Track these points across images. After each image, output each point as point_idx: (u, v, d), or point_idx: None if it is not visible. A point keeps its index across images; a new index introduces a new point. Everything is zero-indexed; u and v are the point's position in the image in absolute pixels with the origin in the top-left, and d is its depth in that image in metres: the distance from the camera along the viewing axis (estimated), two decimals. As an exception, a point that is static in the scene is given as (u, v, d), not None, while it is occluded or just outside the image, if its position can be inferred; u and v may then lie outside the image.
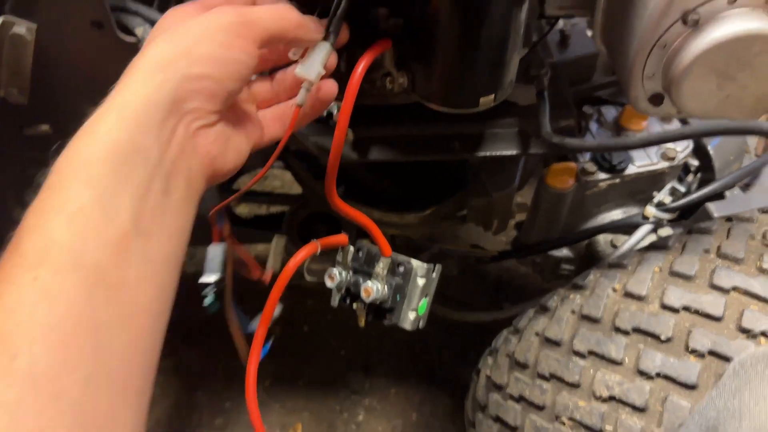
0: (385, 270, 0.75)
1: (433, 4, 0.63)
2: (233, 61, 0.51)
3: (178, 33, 0.50)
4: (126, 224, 0.43)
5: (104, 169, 0.43)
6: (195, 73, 0.48)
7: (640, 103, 0.65)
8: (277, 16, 0.54)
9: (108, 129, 0.44)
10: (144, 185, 0.45)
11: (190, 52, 0.49)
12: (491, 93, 0.71)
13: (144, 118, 0.45)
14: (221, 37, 0.50)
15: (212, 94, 0.50)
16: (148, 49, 0.50)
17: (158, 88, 0.47)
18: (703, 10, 0.56)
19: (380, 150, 0.84)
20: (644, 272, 0.73)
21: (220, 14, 0.52)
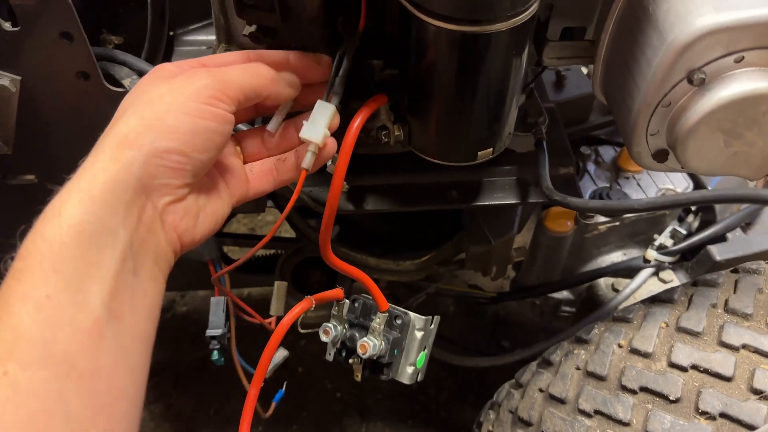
0: (382, 325, 0.73)
1: (428, 57, 0.61)
2: (204, 131, 0.49)
3: (147, 103, 0.48)
4: (97, 309, 0.42)
5: (72, 254, 0.42)
6: (163, 147, 0.47)
7: (644, 159, 0.63)
8: (250, 75, 0.53)
9: (74, 211, 0.43)
10: (113, 267, 0.44)
11: (158, 125, 0.47)
12: (489, 147, 0.69)
13: (111, 199, 0.44)
14: (192, 105, 0.48)
15: (181, 169, 0.48)
16: (118, 122, 0.48)
17: (125, 166, 0.45)
18: (709, 69, 0.55)
19: (376, 200, 0.82)
20: (650, 328, 0.71)
21: (192, 79, 0.50)
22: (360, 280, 0.71)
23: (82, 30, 0.72)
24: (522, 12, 0.56)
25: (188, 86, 0.49)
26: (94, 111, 0.81)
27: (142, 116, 0.47)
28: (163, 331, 1.49)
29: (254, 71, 0.54)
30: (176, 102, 0.48)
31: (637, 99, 0.59)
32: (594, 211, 0.62)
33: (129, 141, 0.46)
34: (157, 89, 0.50)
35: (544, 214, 0.97)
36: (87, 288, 0.42)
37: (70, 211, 0.43)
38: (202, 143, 0.49)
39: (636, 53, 0.59)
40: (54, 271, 0.41)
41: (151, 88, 0.51)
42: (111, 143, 0.46)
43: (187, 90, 0.49)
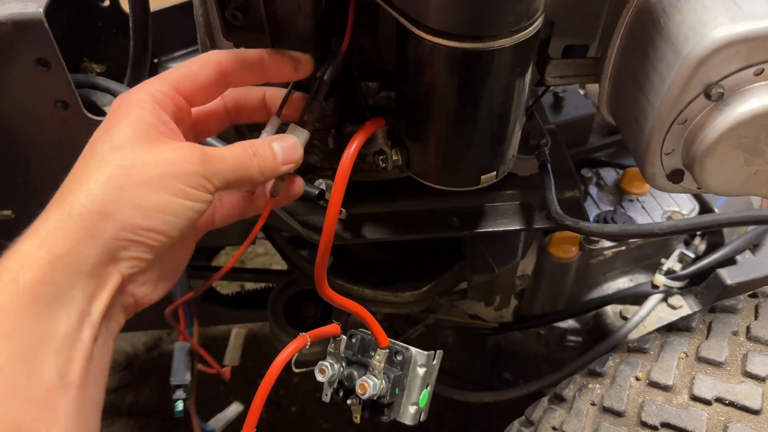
0: (382, 362, 0.69)
1: (428, 76, 0.58)
2: (186, 211, 0.47)
3: (129, 168, 0.45)
4: (51, 379, 0.40)
5: (27, 322, 0.40)
6: (142, 225, 0.44)
7: (658, 179, 0.60)
8: (241, 166, 0.51)
9: (33, 275, 0.40)
10: (69, 335, 0.41)
11: (140, 203, 0.44)
12: (493, 170, 0.66)
13: (74, 268, 0.42)
14: (178, 187, 0.46)
15: (155, 246, 0.45)
16: (91, 180, 0.44)
17: (95, 238, 0.42)
18: (727, 83, 0.52)
19: (374, 229, 0.78)
20: (669, 358, 0.67)
21: (183, 160, 0.47)
22: (358, 314, 0.67)
23: (59, 56, 0.69)
24: (526, 27, 0.53)
25: (179, 167, 0.46)
26: (75, 142, 0.76)
27: (122, 186, 0.44)
28: (149, 372, 1.44)
29: (243, 163, 0.51)
30: (163, 181, 0.45)
31: (650, 117, 0.56)
32: (610, 236, 0.59)
33: (105, 214, 0.43)
34: (142, 151, 0.46)
35: (548, 240, 0.93)
36: (41, 357, 0.40)
37: (28, 275, 0.40)
38: (181, 223, 0.47)
39: (647, 68, 0.56)
40: (6, 339, 0.39)
41: (134, 145, 0.46)
42: (82, 208, 0.43)
43: (177, 169, 0.46)
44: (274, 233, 0.99)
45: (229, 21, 0.58)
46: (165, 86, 0.51)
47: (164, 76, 0.52)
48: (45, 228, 0.42)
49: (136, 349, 1.56)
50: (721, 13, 0.50)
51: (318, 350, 0.96)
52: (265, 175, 0.53)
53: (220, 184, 0.49)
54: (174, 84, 0.51)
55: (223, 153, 0.50)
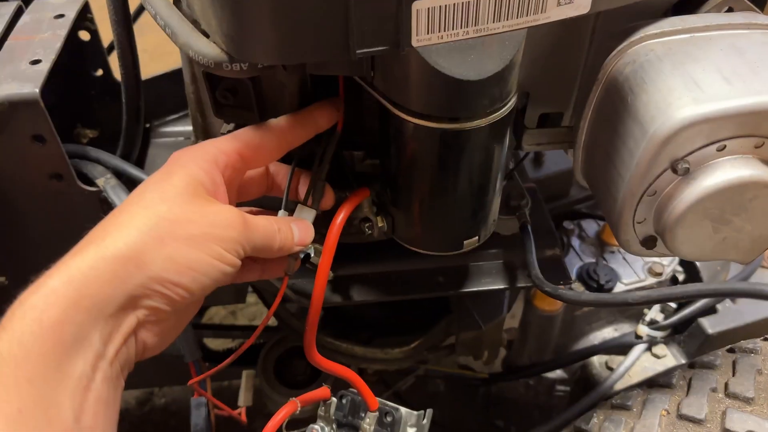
0: (372, 425, 0.70)
1: (409, 152, 0.60)
2: (215, 273, 0.48)
3: (172, 221, 0.46)
4: (68, 422, 0.40)
5: (47, 364, 0.40)
6: (170, 279, 0.45)
7: (633, 246, 0.62)
8: (270, 237, 0.53)
9: (57, 317, 0.40)
10: (85, 378, 0.42)
11: (175, 257, 0.45)
12: (475, 235, 0.68)
13: (96, 311, 0.42)
14: (215, 249, 0.47)
15: (179, 301, 0.46)
16: (130, 225, 0.45)
17: (123, 282, 0.43)
18: (692, 158, 0.54)
19: (361, 290, 0.79)
20: (651, 416, 0.68)
21: (226, 225, 0.48)
22: (348, 379, 0.69)
23: (54, 132, 0.71)
24: (500, 108, 0.56)
25: (220, 230, 0.48)
26: (68, 211, 0.79)
27: (162, 238, 0.45)
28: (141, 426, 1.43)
29: (275, 235, 0.54)
30: (202, 240, 0.47)
31: (621, 188, 0.59)
32: (587, 304, 0.61)
33: (139, 261, 0.44)
34: (189, 208, 0.47)
35: (533, 293, 0.95)
36: (60, 401, 0.40)
37: (52, 315, 0.40)
38: (209, 283, 0.48)
39: (617, 144, 0.59)
40: (28, 382, 0.39)
41: (182, 201, 0.48)
42: (118, 252, 0.43)
43: (218, 232, 0.48)
44: (264, 293, 1.00)
45: (220, 100, 0.61)
46: (230, 149, 0.53)
47: (231, 139, 0.54)
48: (76, 265, 0.42)
49: (128, 404, 1.55)
50: (684, 94, 0.53)
51: (308, 408, 0.97)
52: (282, 252, 0.55)
53: (250, 252, 0.51)
54: (239, 149, 0.53)
55: (258, 222, 0.52)
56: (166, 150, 0.97)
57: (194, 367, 0.76)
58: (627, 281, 0.96)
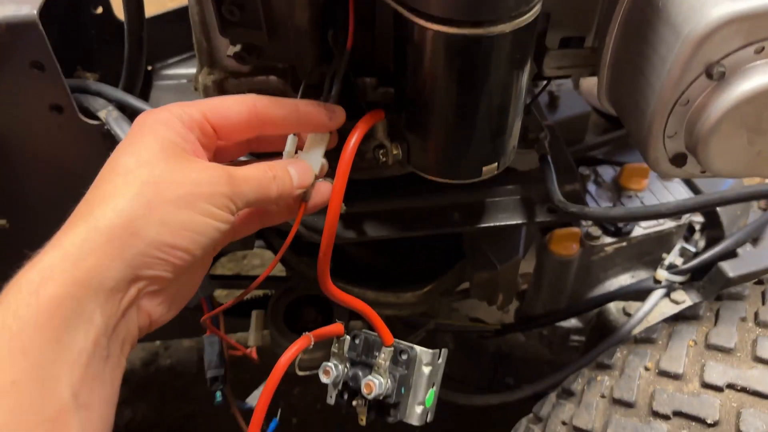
0: (387, 361, 0.67)
1: (427, 66, 0.57)
2: (212, 232, 0.47)
3: (157, 183, 0.45)
4: (64, 398, 0.39)
5: (44, 337, 0.39)
6: (169, 242, 0.44)
7: (662, 164, 0.59)
8: (264, 188, 0.51)
9: (54, 291, 0.39)
10: (85, 354, 0.41)
11: (168, 219, 0.44)
12: (494, 161, 0.65)
13: (96, 284, 0.41)
14: (205, 207, 0.46)
15: (179, 265, 0.45)
16: (118, 195, 0.44)
17: (121, 254, 0.42)
18: (728, 61, 0.51)
19: (375, 226, 0.77)
20: (677, 347, 0.66)
21: (210, 181, 0.47)
22: (362, 311, 0.66)
23: (54, 59, 0.68)
24: (526, 12, 0.53)
25: (206, 188, 0.47)
26: (70, 147, 0.76)
27: (150, 202, 0.44)
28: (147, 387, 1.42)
29: (268, 185, 0.52)
30: (190, 199, 0.46)
31: (651, 100, 0.56)
32: (617, 219, 0.58)
33: (133, 229, 0.42)
34: (168, 168, 0.46)
35: (548, 238, 0.93)
36: (57, 375, 0.39)
37: (50, 289, 0.39)
38: (206, 242, 0.47)
39: (647, 53, 0.56)
40: (23, 353, 0.38)
41: (160, 162, 0.46)
42: (110, 222, 0.42)
43: (204, 190, 0.46)
44: (273, 239, 0.98)
45: (226, 17, 0.58)
46: (194, 110, 0.51)
47: (195, 102, 0.52)
48: (70, 240, 0.41)
49: (133, 364, 1.53)
50: (720, -9, 0.50)
51: (319, 356, 0.95)
52: (282, 198, 0.54)
53: (243, 205, 0.50)
54: (204, 111, 0.51)
55: (247, 174, 0.50)
56: (169, 93, 0.94)
57: (206, 303, 0.74)
58: (646, 225, 0.93)
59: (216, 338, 0.73)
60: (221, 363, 0.73)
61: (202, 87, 0.73)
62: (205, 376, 0.72)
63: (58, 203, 0.84)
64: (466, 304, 1.11)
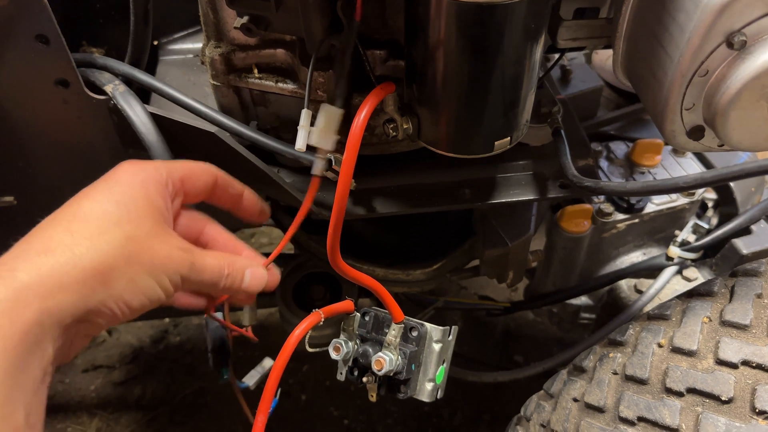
0: (397, 337, 0.67)
1: (439, 36, 0.56)
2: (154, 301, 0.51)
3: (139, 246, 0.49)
4: (19, 421, 0.41)
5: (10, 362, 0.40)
6: (125, 299, 0.48)
7: (678, 137, 0.58)
8: (210, 283, 0.56)
9: (28, 317, 0.41)
10: (37, 380, 0.43)
11: (135, 279, 0.48)
12: (507, 136, 0.64)
13: (59, 318, 0.43)
14: (164, 280, 0.50)
15: (120, 319, 0.48)
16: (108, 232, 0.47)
17: (88, 296, 0.45)
18: (750, 30, 0.50)
19: (385, 203, 0.76)
20: (692, 323, 0.65)
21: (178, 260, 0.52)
22: (372, 288, 0.66)
23: (59, 32, 0.67)
24: (541, -21, 0.52)
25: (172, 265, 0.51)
26: (76, 122, 0.75)
27: (129, 259, 0.48)
28: (156, 364, 1.43)
29: (214, 282, 0.56)
30: (157, 271, 0.50)
31: (669, 71, 0.54)
32: (633, 193, 0.57)
33: (106, 278, 0.46)
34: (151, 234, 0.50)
35: (559, 215, 0.92)
36: (16, 399, 0.41)
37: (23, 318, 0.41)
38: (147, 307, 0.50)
39: (666, 21, 0.54)
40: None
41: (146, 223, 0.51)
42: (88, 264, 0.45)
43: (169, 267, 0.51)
44: (282, 217, 0.97)
45: (233, -13, 0.57)
46: (175, 174, 0.56)
47: (176, 166, 0.57)
48: (49, 264, 0.44)
49: (142, 342, 1.54)
50: (743, -43, 0.48)
51: (329, 333, 0.94)
52: (225, 292, 0.59)
53: (188, 289, 0.56)
54: (183, 178, 0.57)
55: (205, 265, 0.55)
56: (176, 68, 0.93)
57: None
58: (658, 201, 0.92)
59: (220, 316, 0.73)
60: (224, 343, 0.74)
61: (209, 60, 0.72)
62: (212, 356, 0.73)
63: (65, 179, 0.84)
64: (475, 281, 1.10)
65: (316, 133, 0.59)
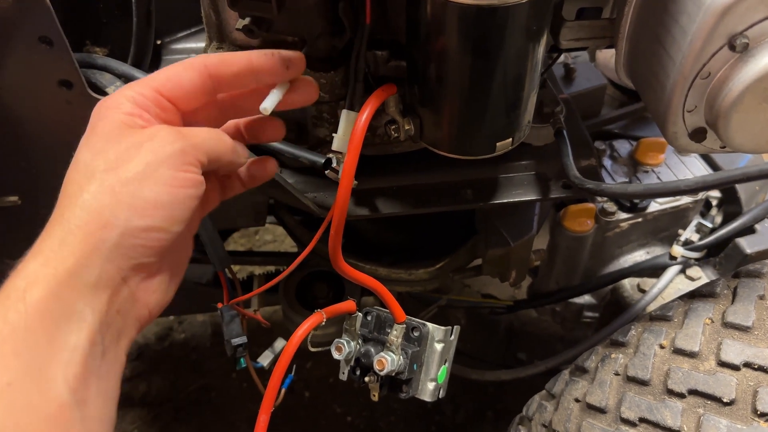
0: (399, 337, 0.67)
1: (441, 37, 0.56)
2: (181, 201, 0.45)
3: (114, 166, 0.44)
4: (62, 395, 0.39)
5: (35, 338, 0.39)
6: (140, 226, 0.43)
7: (680, 139, 0.58)
8: (216, 139, 0.50)
9: (39, 295, 0.40)
10: (80, 351, 0.41)
11: (133, 201, 0.43)
12: (508, 137, 0.64)
13: (79, 284, 0.41)
14: (168, 173, 0.44)
15: (158, 246, 0.45)
16: (84, 191, 0.43)
17: (95, 248, 0.42)
18: (752, 33, 0.50)
19: (386, 203, 0.76)
20: (693, 325, 0.65)
21: (162, 142, 0.45)
22: (374, 288, 0.66)
23: (62, 33, 0.67)
24: (543, -19, 0.52)
25: (160, 150, 0.45)
26: (79, 123, 0.75)
27: (113, 189, 0.43)
28: (161, 361, 1.44)
29: (219, 137, 0.51)
30: (149, 171, 0.44)
31: (671, 73, 0.54)
32: (635, 196, 0.57)
33: (102, 221, 0.42)
34: (121, 149, 0.44)
35: (562, 214, 0.92)
36: (51, 374, 0.39)
37: (35, 293, 0.40)
38: (180, 214, 0.45)
39: (668, 23, 0.54)
40: (15, 355, 0.38)
41: (113, 145, 0.45)
42: (80, 220, 0.42)
43: (160, 154, 0.45)
44: (284, 215, 0.97)
45: (235, -12, 0.57)
46: (144, 88, 0.49)
47: (144, 80, 0.50)
48: (48, 246, 0.42)
49: (147, 339, 1.55)
50: (746, -41, 0.48)
51: (331, 332, 0.95)
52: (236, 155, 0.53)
53: (203, 157, 0.48)
54: (155, 86, 0.49)
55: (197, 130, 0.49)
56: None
57: (224, 276, 0.74)
58: (661, 200, 0.92)
59: (234, 310, 0.74)
60: (242, 331, 0.75)
61: (211, 61, 0.72)
62: (230, 344, 0.73)
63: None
64: (478, 279, 1.10)
65: (338, 139, 0.58)
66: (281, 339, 0.83)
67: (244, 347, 0.75)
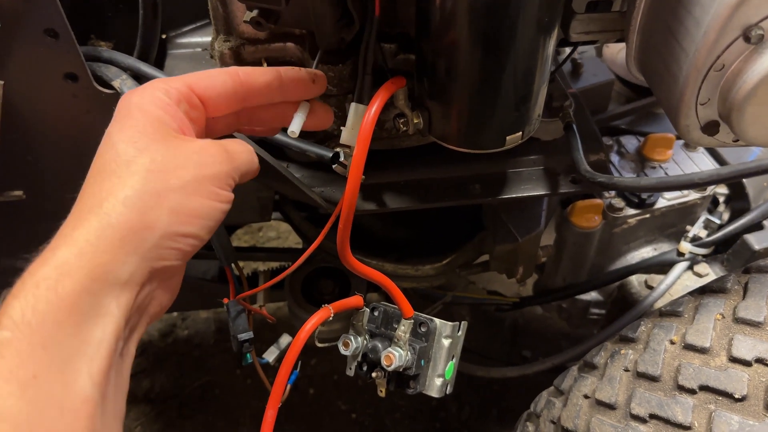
0: (407, 333, 0.67)
1: (451, 28, 0.55)
2: (217, 213, 0.47)
3: (161, 171, 0.44)
4: (86, 389, 0.39)
5: (63, 332, 0.39)
6: (180, 231, 0.44)
7: (693, 132, 0.57)
8: (250, 161, 0.52)
9: (72, 287, 0.39)
10: (105, 346, 0.41)
11: (179, 209, 0.44)
12: (518, 130, 0.63)
13: (111, 278, 0.41)
14: (211, 189, 0.47)
15: (191, 251, 0.46)
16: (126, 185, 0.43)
17: (134, 248, 0.42)
18: (767, 24, 0.49)
19: (394, 198, 0.75)
20: (704, 320, 0.65)
21: (212, 160, 0.47)
22: (382, 284, 0.65)
23: (68, 26, 0.66)
24: (554, -27, 0.51)
25: (209, 168, 0.47)
26: (85, 117, 0.75)
27: (159, 193, 0.43)
28: (165, 357, 1.43)
29: (252, 158, 0.53)
30: (196, 184, 0.46)
31: (684, 65, 0.53)
32: (648, 189, 0.57)
33: (145, 222, 0.43)
34: (169, 153, 0.45)
35: (570, 210, 0.91)
36: (77, 368, 0.39)
37: (67, 285, 0.39)
38: (214, 225, 0.48)
39: (681, 15, 0.53)
40: (43, 348, 0.38)
41: (159, 146, 0.45)
42: (121, 217, 0.42)
43: (207, 171, 0.46)
44: (290, 211, 0.97)
45: (242, -19, 0.57)
46: (179, 84, 0.50)
47: (178, 76, 0.51)
48: (83, 236, 0.41)
49: (151, 335, 1.55)
50: (761, -52, 0.48)
51: (337, 328, 0.94)
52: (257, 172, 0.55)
53: (239, 179, 0.50)
54: (189, 82, 0.50)
55: (236, 148, 0.51)
56: (184, 62, 0.92)
57: (230, 272, 0.74)
58: (670, 196, 0.91)
59: (240, 306, 0.74)
60: (248, 327, 0.74)
61: (218, 54, 0.71)
62: (237, 340, 0.73)
63: (74, 174, 0.83)
64: (483, 276, 1.10)
65: (346, 132, 0.58)
66: (286, 335, 0.82)
67: (250, 343, 0.75)
